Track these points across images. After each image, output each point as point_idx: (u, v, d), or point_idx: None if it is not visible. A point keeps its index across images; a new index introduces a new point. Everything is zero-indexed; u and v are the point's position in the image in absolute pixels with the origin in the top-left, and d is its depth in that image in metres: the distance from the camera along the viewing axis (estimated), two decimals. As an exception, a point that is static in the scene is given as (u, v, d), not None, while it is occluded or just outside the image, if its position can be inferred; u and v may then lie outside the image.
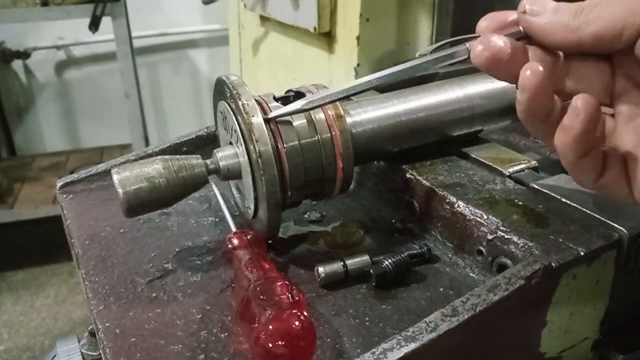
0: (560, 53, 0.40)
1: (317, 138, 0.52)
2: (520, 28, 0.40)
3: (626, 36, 0.35)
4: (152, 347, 0.45)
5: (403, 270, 0.51)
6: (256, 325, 0.42)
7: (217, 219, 0.62)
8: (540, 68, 0.37)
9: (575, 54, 0.39)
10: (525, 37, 0.40)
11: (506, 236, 0.47)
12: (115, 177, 0.50)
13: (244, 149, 0.51)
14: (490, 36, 0.39)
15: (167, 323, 0.47)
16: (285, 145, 0.51)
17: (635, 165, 0.39)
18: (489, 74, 0.40)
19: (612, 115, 0.41)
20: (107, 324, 0.47)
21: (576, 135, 0.37)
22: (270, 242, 0.56)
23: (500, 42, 0.38)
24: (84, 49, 2.85)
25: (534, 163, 0.57)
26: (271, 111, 0.52)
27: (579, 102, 0.36)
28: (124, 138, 2.73)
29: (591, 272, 0.45)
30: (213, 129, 0.70)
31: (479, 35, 0.40)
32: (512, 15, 0.41)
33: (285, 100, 0.55)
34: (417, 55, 0.44)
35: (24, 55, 2.76)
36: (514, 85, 0.39)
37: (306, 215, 0.61)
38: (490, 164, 0.57)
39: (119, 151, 2.75)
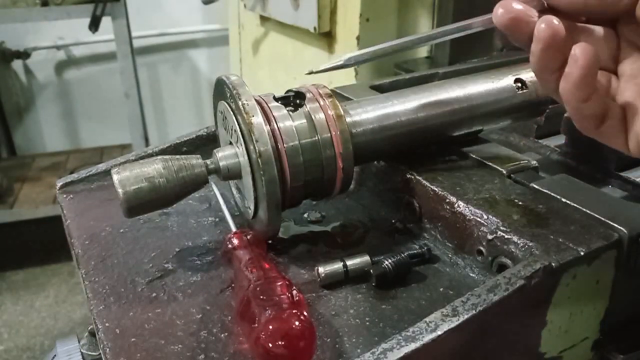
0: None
1: (317, 138, 0.52)
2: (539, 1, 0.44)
3: None
4: (152, 347, 0.45)
5: (403, 270, 0.51)
6: (256, 325, 0.42)
7: (217, 219, 0.62)
8: (555, 21, 0.41)
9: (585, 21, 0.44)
10: (543, 11, 0.44)
11: (506, 236, 0.47)
12: (115, 177, 0.50)
13: (244, 149, 0.51)
14: (510, 1, 0.44)
15: (167, 323, 0.47)
16: (285, 145, 0.51)
17: (633, 116, 0.43)
18: (508, 33, 0.44)
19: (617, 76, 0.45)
20: (107, 324, 0.47)
21: (576, 80, 0.41)
22: (270, 242, 0.56)
23: (519, 6, 0.43)
24: (84, 49, 2.85)
25: (534, 163, 0.57)
26: (271, 111, 0.52)
27: (577, 50, 0.40)
28: (124, 138, 2.73)
29: (591, 272, 0.45)
30: (213, 129, 0.70)
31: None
32: None
33: (285, 100, 0.55)
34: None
35: (24, 55, 2.76)
36: (514, 85, 0.41)
37: (306, 215, 0.61)
38: (490, 164, 0.57)
39: (119, 151, 2.76)
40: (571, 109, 0.43)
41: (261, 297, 0.44)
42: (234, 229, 0.56)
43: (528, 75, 0.63)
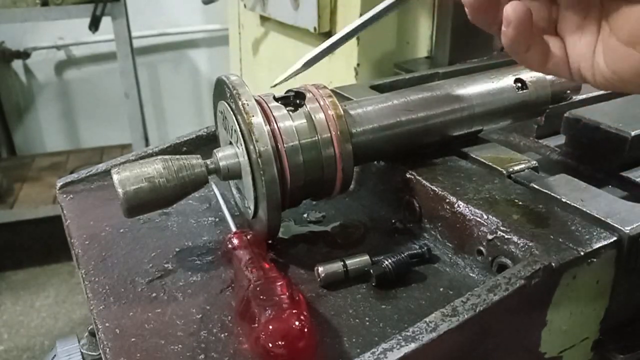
0: None
1: (316, 138, 0.52)
2: None
3: None
4: (152, 347, 0.45)
5: (403, 270, 0.51)
6: (256, 325, 0.42)
7: (217, 219, 0.62)
8: None
9: None
10: None
11: (506, 236, 0.47)
12: (115, 177, 0.50)
13: (244, 149, 0.51)
14: None
15: (167, 323, 0.47)
16: (285, 145, 0.51)
17: (573, 51, 0.45)
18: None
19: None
20: (107, 324, 0.47)
21: (512, 38, 0.44)
22: (270, 242, 0.56)
23: None
24: (84, 49, 2.85)
25: (534, 163, 0.57)
26: (271, 111, 0.52)
27: (509, 11, 0.43)
28: (124, 138, 2.73)
29: (591, 272, 0.45)
30: (213, 129, 0.70)
31: None
32: None
33: (285, 100, 0.55)
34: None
35: (24, 55, 2.76)
36: (514, 85, 0.41)
37: (306, 215, 0.61)
38: (490, 164, 0.57)
39: (119, 151, 2.75)
40: (516, 58, 0.47)
41: (261, 297, 0.44)
42: (234, 229, 0.56)
43: (528, 75, 0.63)
